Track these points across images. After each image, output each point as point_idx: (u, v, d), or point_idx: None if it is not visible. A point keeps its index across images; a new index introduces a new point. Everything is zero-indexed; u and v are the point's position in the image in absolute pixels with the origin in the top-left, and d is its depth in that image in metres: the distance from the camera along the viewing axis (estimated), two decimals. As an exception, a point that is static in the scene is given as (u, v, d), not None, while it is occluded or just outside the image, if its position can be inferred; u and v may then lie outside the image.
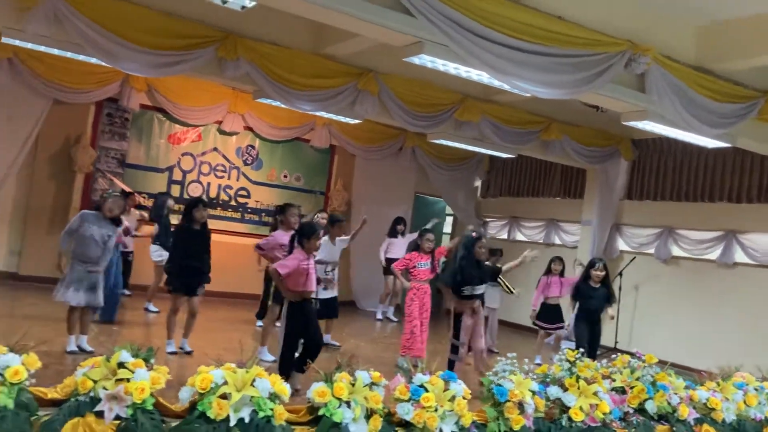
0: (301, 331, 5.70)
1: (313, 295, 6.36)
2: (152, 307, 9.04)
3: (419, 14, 5.08)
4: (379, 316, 11.37)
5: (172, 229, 7.35)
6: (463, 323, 6.50)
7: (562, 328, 8.82)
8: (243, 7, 5.03)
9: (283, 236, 6.80)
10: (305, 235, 5.80)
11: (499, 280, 8.61)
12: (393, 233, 11.20)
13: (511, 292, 9.24)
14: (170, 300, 6.84)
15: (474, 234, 6.85)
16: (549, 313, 8.77)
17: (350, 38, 7.21)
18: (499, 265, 7.86)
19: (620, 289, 10.50)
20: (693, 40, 6.74)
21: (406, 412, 3.56)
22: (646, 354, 4.83)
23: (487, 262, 7.05)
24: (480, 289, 6.71)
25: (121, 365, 3.09)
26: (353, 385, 3.47)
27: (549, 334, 9.26)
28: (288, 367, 5.63)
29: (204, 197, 11.20)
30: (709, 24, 6.62)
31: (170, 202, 9.23)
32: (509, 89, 6.17)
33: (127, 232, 8.25)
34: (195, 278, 6.85)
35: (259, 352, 6.88)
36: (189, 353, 6.80)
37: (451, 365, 6.59)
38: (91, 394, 3.01)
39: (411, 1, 5.04)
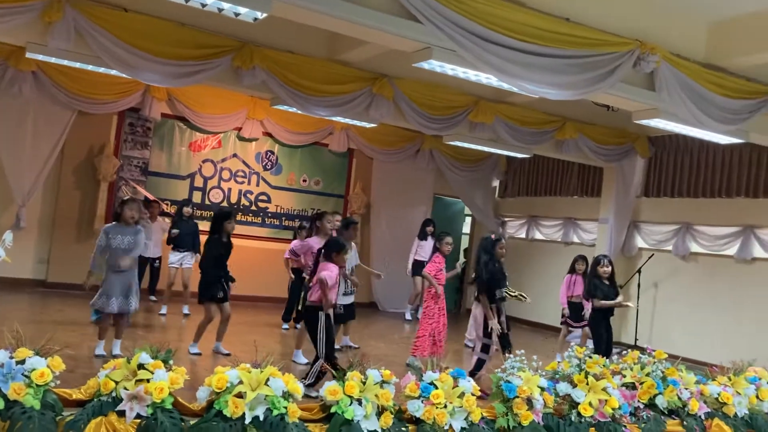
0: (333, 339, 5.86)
1: (341, 302, 6.75)
2: (164, 310, 9.31)
3: (426, 21, 5.19)
4: (408, 317, 11.50)
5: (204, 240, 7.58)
6: (492, 323, 6.58)
7: (587, 325, 8.83)
8: (255, 19, 5.17)
9: (317, 243, 7.00)
10: (333, 250, 5.89)
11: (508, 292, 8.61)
12: (423, 235, 11.28)
13: (523, 299, 9.11)
14: (204, 310, 7.03)
15: (493, 236, 6.92)
16: (574, 312, 8.83)
17: (364, 44, 7.33)
18: None
19: (639, 286, 10.51)
20: (702, 37, 6.76)
21: (416, 408, 3.68)
22: (657, 350, 4.89)
23: None
24: (502, 292, 6.82)
25: (141, 366, 3.26)
26: (364, 383, 3.60)
27: (571, 331, 9.31)
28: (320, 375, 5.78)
29: (225, 203, 11.44)
30: (718, 20, 6.64)
31: (185, 209, 9.40)
32: (519, 91, 6.25)
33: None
34: (223, 288, 7.05)
35: (294, 355, 7.09)
36: (227, 355, 6.98)
37: (480, 364, 6.65)
38: (113, 394, 3.18)
39: (418, 8, 5.15)
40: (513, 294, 8.52)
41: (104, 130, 10.59)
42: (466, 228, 14.82)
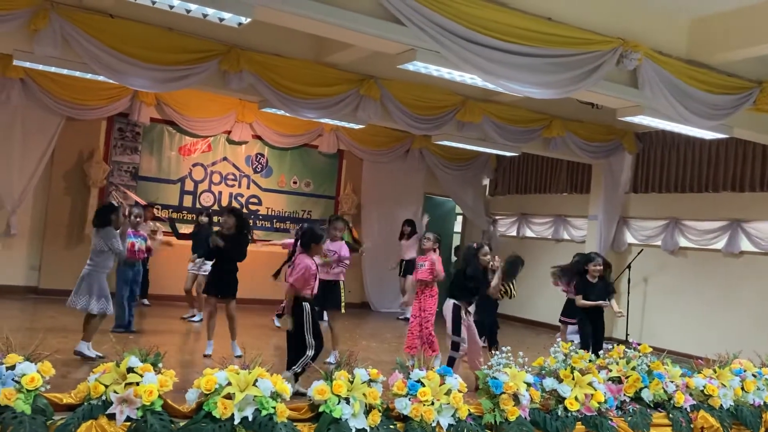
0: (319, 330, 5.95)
1: None
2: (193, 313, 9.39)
3: (409, 23, 5.25)
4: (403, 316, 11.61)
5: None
6: (463, 319, 6.62)
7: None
8: (239, 24, 5.22)
9: (329, 245, 7.18)
10: (314, 240, 5.98)
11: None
12: (400, 235, 11.47)
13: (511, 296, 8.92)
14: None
15: (475, 245, 6.87)
16: (571, 308, 8.88)
17: (350, 46, 7.36)
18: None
19: (629, 281, 10.60)
20: (684, 33, 6.83)
21: (403, 406, 3.72)
22: (642, 344, 4.95)
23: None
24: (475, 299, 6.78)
25: (130, 370, 3.29)
26: (352, 382, 3.64)
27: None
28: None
29: (216, 206, 11.46)
30: (700, 17, 6.72)
31: (201, 218, 9.48)
32: (504, 91, 6.31)
33: (149, 250, 8.67)
34: (224, 281, 7.18)
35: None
36: (238, 357, 7.03)
37: (451, 362, 6.69)
38: (103, 397, 3.21)
39: (401, 11, 5.20)
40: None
41: (93, 136, 10.61)
42: (458, 227, 14.88)
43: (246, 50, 7.75)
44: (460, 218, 14.73)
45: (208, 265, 9.17)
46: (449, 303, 6.65)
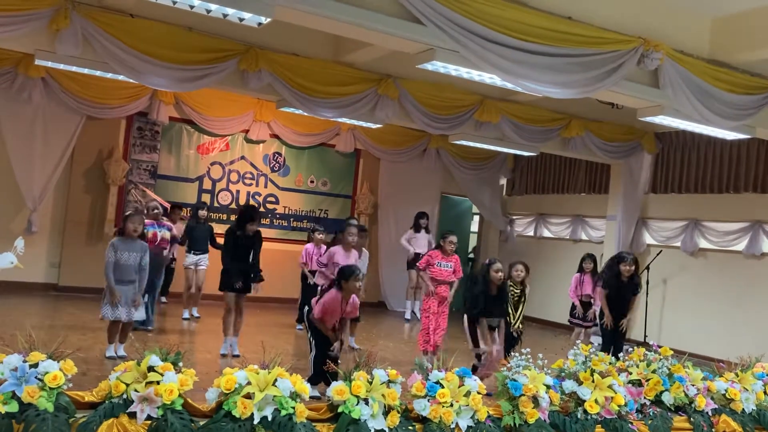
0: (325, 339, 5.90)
1: None
2: (186, 314, 9.32)
3: (429, 22, 5.23)
4: (408, 315, 11.49)
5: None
6: (478, 331, 6.59)
7: (595, 325, 8.81)
8: (259, 24, 5.23)
9: (339, 252, 7.25)
10: (343, 278, 5.80)
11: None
12: (416, 227, 11.36)
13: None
14: (224, 300, 7.16)
15: (487, 261, 6.72)
16: (584, 311, 8.85)
17: (368, 45, 7.36)
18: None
19: (648, 283, 10.49)
20: (706, 33, 6.76)
21: (422, 407, 3.71)
22: (662, 347, 4.90)
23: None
24: (496, 321, 6.62)
25: (151, 369, 3.31)
26: (371, 383, 3.64)
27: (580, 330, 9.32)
28: (318, 370, 5.82)
29: (234, 205, 11.51)
30: (722, 16, 6.65)
31: (200, 212, 9.44)
32: (523, 91, 6.28)
33: (174, 239, 8.66)
34: (242, 278, 7.11)
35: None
36: (236, 356, 7.02)
37: (474, 370, 6.66)
38: (124, 396, 3.23)
39: (420, 10, 5.19)
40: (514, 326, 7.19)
41: (113, 135, 10.69)
42: (474, 227, 14.84)
43: (264, 50, 7.78)
44: (476, 218, 14.68)
45: (205, 260, 9.19)
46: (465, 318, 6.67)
